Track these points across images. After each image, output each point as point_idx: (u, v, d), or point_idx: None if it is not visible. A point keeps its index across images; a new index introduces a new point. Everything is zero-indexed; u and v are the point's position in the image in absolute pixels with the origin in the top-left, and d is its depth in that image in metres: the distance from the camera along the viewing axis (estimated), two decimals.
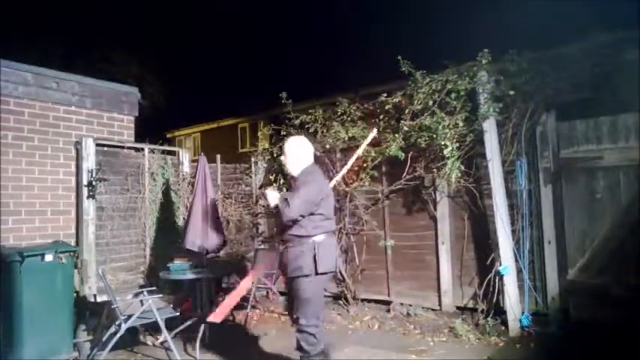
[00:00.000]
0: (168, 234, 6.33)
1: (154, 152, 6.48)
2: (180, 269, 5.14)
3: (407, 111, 5.52)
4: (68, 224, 5.60)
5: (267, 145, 7.80)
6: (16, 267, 4.24)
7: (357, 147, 5.84)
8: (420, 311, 5.64)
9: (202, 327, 5.00)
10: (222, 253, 5.98)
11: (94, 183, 5.56)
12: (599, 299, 4.49)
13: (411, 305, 5.76)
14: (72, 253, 4.61)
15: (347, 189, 5.98)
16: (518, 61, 5.07)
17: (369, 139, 4.69)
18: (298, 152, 3.65)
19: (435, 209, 5.67)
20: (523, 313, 4.86)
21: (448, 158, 5.15)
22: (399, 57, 5.52)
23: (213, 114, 21.18)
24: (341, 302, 6.26)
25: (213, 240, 5.21)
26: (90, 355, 4.44)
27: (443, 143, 5.15)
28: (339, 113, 6.23)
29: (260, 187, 7.27)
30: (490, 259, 5.12)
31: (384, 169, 6.04)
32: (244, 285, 4.32)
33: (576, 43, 5.21)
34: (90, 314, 5.02)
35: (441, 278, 5.61)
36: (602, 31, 4.83)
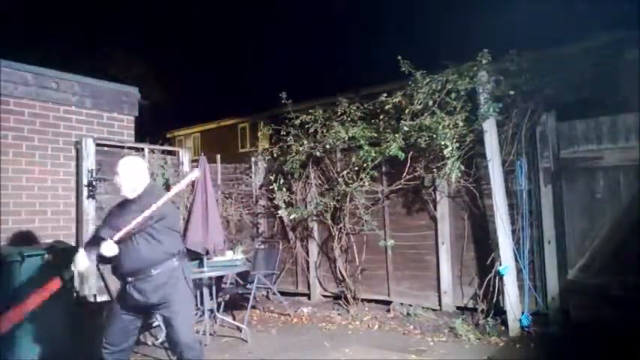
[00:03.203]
0: None
1: (153, 152, 6.48)
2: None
3: (407, 111, 5.52)
4: (68, 224, 5.60)
5: (267, 145, 7.80)
6: (16, 267, 4.24)
7: (358, 147, 5.88)
8: (420, 311, 5.64)
9: (202, 327, 5.00)
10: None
11: (94, 183, 5.56)
12: (599, 299, 4.49)
13: (411, 305, 5.76)
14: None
15: (347, 189, 5.98)
16: (518, 61, 5.07)
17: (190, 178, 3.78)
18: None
19: (435, 209, 5.68)
20: (523, 313, 4.86)
21: (448, 158, 5.15)
22: (399, 57, 5.52)
23: (213, 114, 21.22)
24: (341, 302, 6.27)
25: (213, 240, 5.20)
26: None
27: (443, 143, 5.15)
28: (339, 113, 6.23)
29: (260, 187, 7.27)
30: (490, 259, 5.12)
31: (384, 169, 6.04)
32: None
33: (576, 43, 5.23)
34: (90, 314, 5.02)
35: (441, 278, 5.61)
36: (602, 31, 4.84)
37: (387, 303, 6.01)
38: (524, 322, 4.78)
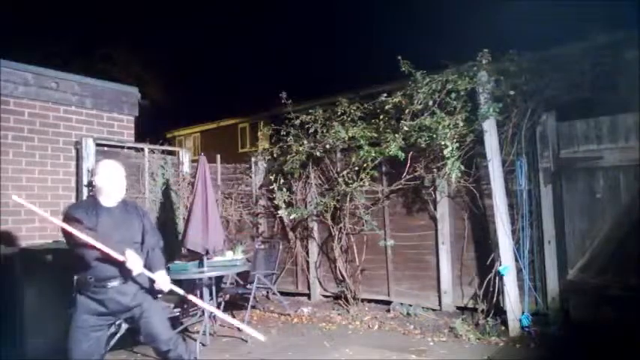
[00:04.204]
0: (169, 234, 6.33)
1: (154, 152, 6.48)
2: (182, 269, 5.14)
3: (407, 111, 5.52)
4: None
5: (267, 145, 7.80)
6: (16, 267, 4.24)
7: (358, 147, 5.88)
8: (420, 311, 5.64)
9: (202, 327, 5.00)
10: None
11: (94, 183, 5.55)
12: (599, 299, 4.49)
13: (411, 305, 5.76)
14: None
15: (347, 189, 5.98)
16: (518, 61, 5.07)
17: None
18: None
19: (435, 209, 5.68)
20: (523, 313, 4.86)
21: (448, 158, 5.14)
22: (399, 57, 5.52)
23: (213, 114, 21.21)
24: (341, 302, 6.27)
25: (213, 240, 5.20)
26: None
27: (443, 143, 5.15)
28: (339, 113, 6.23)
29: (260, 187, 7.27)
30: (490, 259, 5.12)
31: (384, 169, 6.04)
32: None
33: (576, 43, 5.22)
34: None
35: (441, 278, 5.61)
36: (602, 31, 4.83)
37: (387, 303, 6.01)
38: (524, 322, 4.78)
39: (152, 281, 3.18)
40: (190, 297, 3.39)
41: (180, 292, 3.24)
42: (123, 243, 3.03)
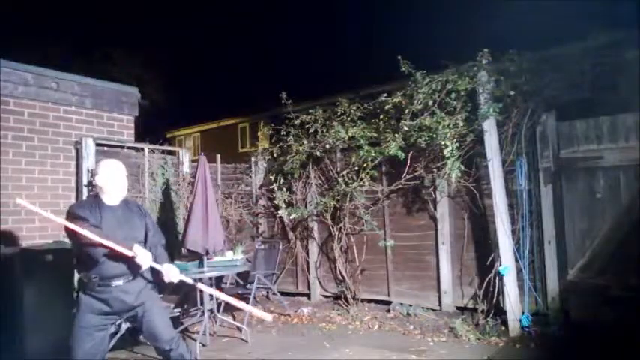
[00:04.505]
0: (169, 234, 6.32)
1: (153, 152, 6.48)
2: (182, 269, 5.13)
3: (407, 111, 5.52)
4: None
5: (267, 145, 7.80)
6: (16, 267, 4.24)
7: (358, 147, 5.87)
8: (420, 311, 5.64)
9: (202, 327, 5.00)
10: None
11: (94, 183, 5.55)
12: (599, 299, 4.49)
13: (411, 305, 5.76)
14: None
15: (347, 189, 5.98)
16: (518, 61, 5.06)
17: None
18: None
19: (435, 209, 5.68)
20: (523, 313, 4.86)
21: (448, 158, 5.14)
22: (399, 57, 5.52)
23: (213, 114, 21.23)
24: (341, 302, 6.27)
25: (213, 240, 5.20)
26: None
27: (443, 143, 5.15)
28: (339, 113, 6.23)
29: (260, 187, 7.27)
30: (490, 259, 5.12)
31: (384, 169, 6.04)
32: None
33: (576, 43, 5.22)
34: None
35: (441, 278, 5.61)
36: (602, 31, 4.84)
37: (387, 303, 6.01)
38: (524, 322, 4.78)
39: (159, 276, 3.18)
40: (200, 285, 3.40)
41: (190, 281, 3.24)
42: (127, 241, 3.04)
